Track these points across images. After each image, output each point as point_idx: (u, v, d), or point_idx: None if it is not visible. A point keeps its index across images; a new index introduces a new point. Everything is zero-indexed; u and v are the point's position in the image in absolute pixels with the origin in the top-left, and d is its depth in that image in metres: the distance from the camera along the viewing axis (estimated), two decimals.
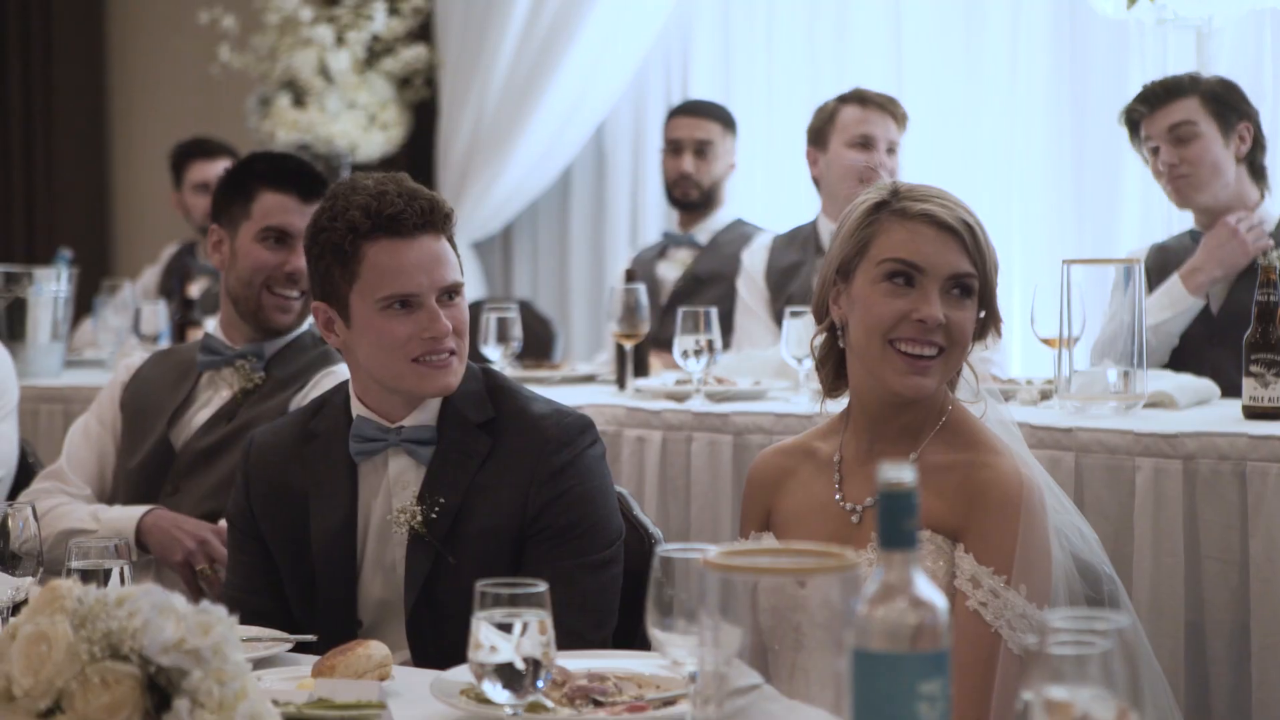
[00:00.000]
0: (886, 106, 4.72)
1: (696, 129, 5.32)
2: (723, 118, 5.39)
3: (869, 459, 2.48)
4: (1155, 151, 4.18)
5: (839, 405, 2.59)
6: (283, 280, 3.34)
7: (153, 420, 3.39)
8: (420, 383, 2.61)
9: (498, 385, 2.69)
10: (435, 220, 2.61)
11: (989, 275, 2.45)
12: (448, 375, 2.61)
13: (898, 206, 2.43)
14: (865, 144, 4.68)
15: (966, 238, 2.42)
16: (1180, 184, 4.14)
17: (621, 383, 4.19)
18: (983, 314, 2.47)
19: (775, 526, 2.56)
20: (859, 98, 4.74)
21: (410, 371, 2.60)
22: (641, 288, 4.19)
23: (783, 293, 4.77)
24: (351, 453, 2.65)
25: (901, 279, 2.41)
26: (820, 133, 4.76)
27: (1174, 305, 4.04)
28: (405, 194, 2.59)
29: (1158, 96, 4.18)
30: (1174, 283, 4.07)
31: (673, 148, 5.35)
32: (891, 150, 4.70)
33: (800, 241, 4.86)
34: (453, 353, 2.61)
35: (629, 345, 4.16)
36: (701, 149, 5.29)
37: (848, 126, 4.70)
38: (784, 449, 2.61)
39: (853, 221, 2.47)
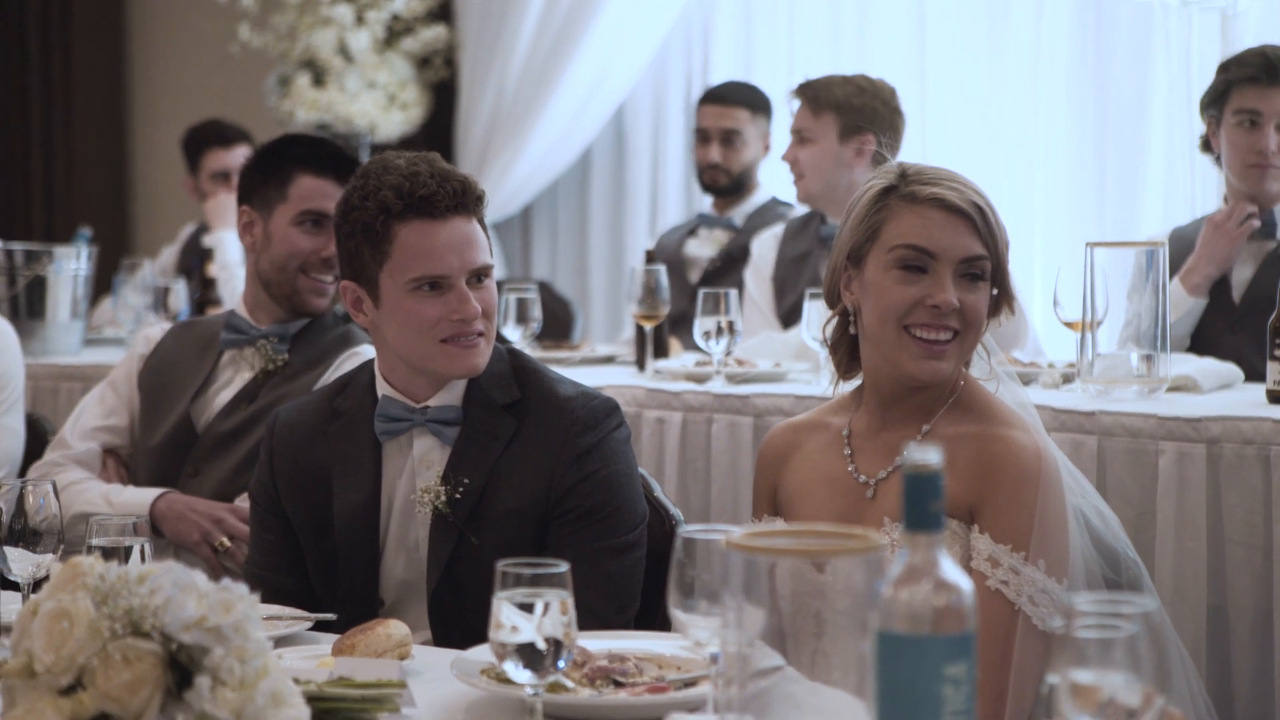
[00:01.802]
0: (796, 96, 4.61)
1: (722, 118, 5.28)
2: (750, 102, 5.33)
3: (880, 433, 2.48)
4: (1251, 126, 3.97)
5: (852, 385, 2.59)
6: (319, 265, 3.33)
7: (174, 397, 3.38)
8: (448, 364, 2.60)
9: (523, 367, 2.69)
10: (467, 202, 2.60)
11: (1000, 255, 2.44)
12: (475, 356, 2.61)
13: (906, 191, 2.43)
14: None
15: (977, 220, 2.40)
16: (1268, 172, 3.97)
17: (641, 364, 4.18)
18: (995, 292, 2.46)
19: (782, 501, 2.55)
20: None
21: (439, 352, 2.59)
22: (662, 269, 4.17)
23: (791, 283, 4.75)
24: (377, 432, 2.65)
25: (914, 265, 2.41)
26: None
27: (1177, 308, 3.97)
28: (438, 175, 2.58)
29: None
30: (1174, 286, 4.02)
31: (701, 137, 5.33)
32: (800, 138, 4.58)
33: (812, 230, 4.83)
34: (481, 334, 2.61)
35: (649, 327, 4.15)
36: (728, 137, 5.26)
37: None
38: (794, 424, 2.62)
39: (861, 207, 2.46)
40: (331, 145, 3.43)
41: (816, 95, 4.53)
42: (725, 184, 5.27)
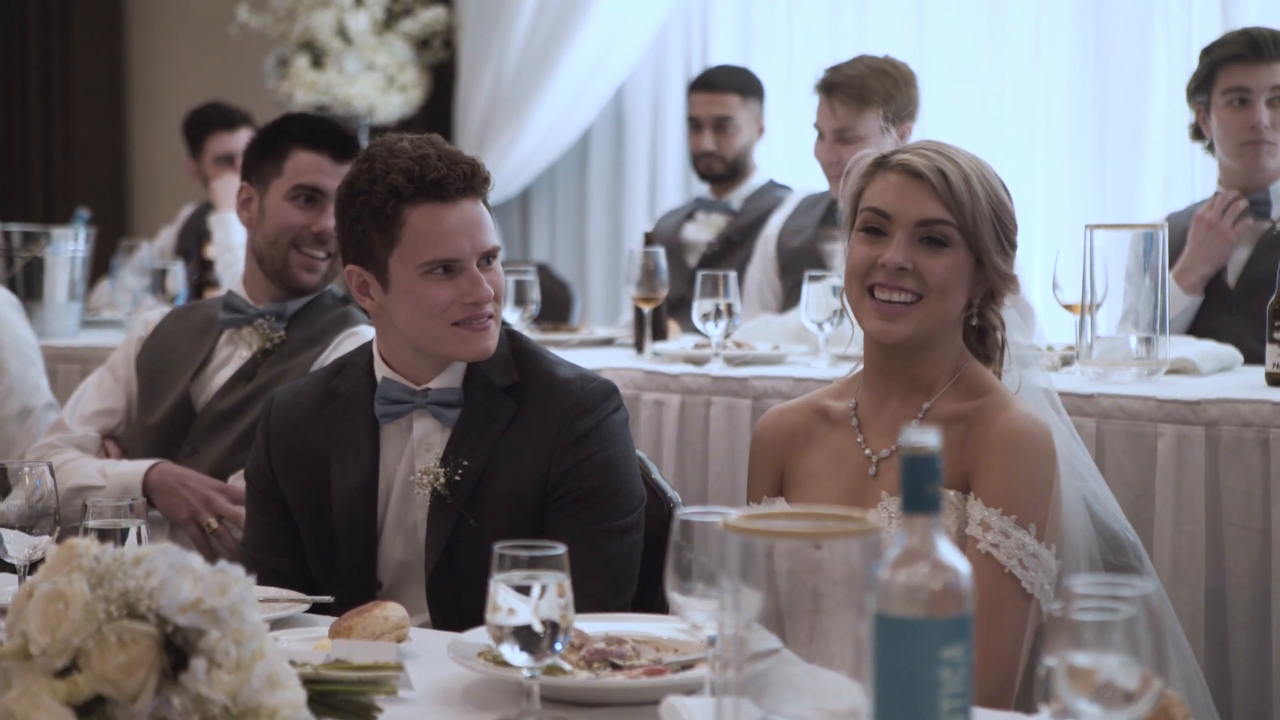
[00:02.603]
0: (825, 92, 4.40)
1: (713, 105, 5.25)
2: (741, 87, 5.29)
3: (882, 411, 2.50)
4: (1241, 104, 3.97)
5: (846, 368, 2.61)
6: (310, 240, 3.33)
7: (173, 377, 3.38)
8: (460, 346, 2.60)
9: (523, 349, 2.69)
10: (475, 184, 2.60)
11: (971, 222, 2.42)
12: (487, 339, 2.61)
13: (884, 161, 2.47)
14: (820, 135, 4.45)
15: (937, 183, 2.41)
16: (1263, 149, 3.98)
17: (640, 346, 4.17)
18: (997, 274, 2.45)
19: (791, 485, 2.55)
20: (816, 84, 4.46)
21: (450, 335, 2.59)
22: (660, 251, 4.17)
23: (792, 259, 4.74)
24: (377, 414, 2.65)
25: (874, 227, 2.45)
26: None
27: (1173, 306, 3.96)
28: (446, 158, 2.57)
29: (1268, 47, 3.95)
30: (1169, 284, 4.00)
31: (693, 125, 5.31)
32: (842, 138, 4.36)
33: (818, 210, 4.81)
34: (491, 316, 2.61)
35: (647, 309, 4.14)
36: (720, 124, 5.23)
37: None
38: (792, 407, 2.62)
39: (852, 176, 2.52)
40: (329, 123, 3.43)
41: (859, 93, 4.37)
42: (721, 170, 5.25)
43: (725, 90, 5.26)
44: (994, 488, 2.35)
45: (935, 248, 2.42)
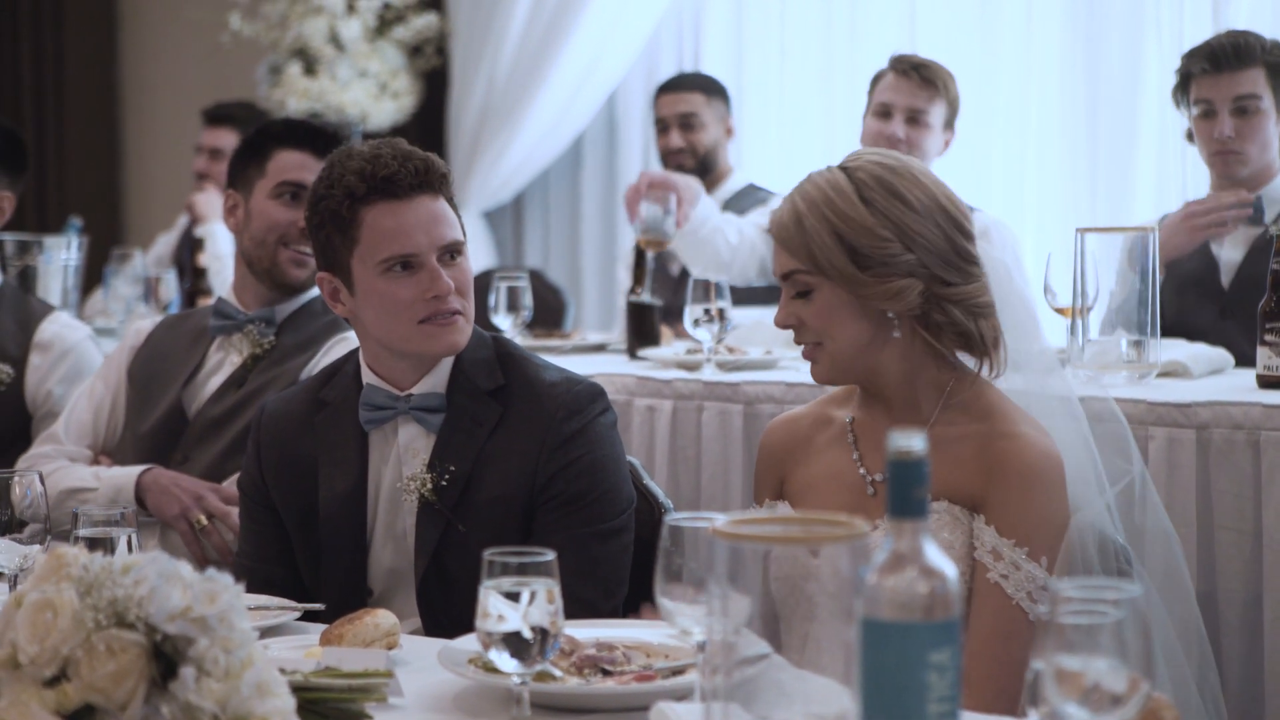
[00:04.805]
0: (912, 73, 4.53)
1: (678, 103, 5.35)
2: (704, 87, 5.40)
3: (882, 430, 2.47)
4: (1208, 115, 4.01)
5: None
6: (298, 236, 3.34)
7: (165, 386, 3.39)
8: (428, 344, 2.60)
9: (508, 353, 2.68)
10: (431, 180, 2.60)
11: (821, 260, 2.37)
12: (454, 334, 2.60)
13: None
14: (884, 112, 4.55)
15: (780, 235, 2.42)
16: (1230, 158, 4.00)
17: (632, 351, 4.18)
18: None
19: (790, 495, 2.55)
20: (894, 64, 4.58)
21: (417, 333, 2.59)
22: (672, 198, 4.25)
23: None
24: (362, 421, 2.65)
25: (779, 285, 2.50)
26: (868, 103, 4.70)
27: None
28: (399, 155, 2.58)
29: (1228, 58, 3.98)
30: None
31: (660, 127, 5.40)
32: (913, 119, 4.50)
33: None
34: (458, 312, 2.60)
35: (651, 253, 4.19)
36: (686, 121, 5.32)
37: (876, 95, 4.62)
38: (796, 416, 2.61)
39: None
40: (308, 123, 3.49)
41: (946, 82, 4.52)
42: (691, 166, 5.29)
43: (689, 89, 5.41)
44: (1008, 520, 2.34)
45: (804, 298, 2.43)
